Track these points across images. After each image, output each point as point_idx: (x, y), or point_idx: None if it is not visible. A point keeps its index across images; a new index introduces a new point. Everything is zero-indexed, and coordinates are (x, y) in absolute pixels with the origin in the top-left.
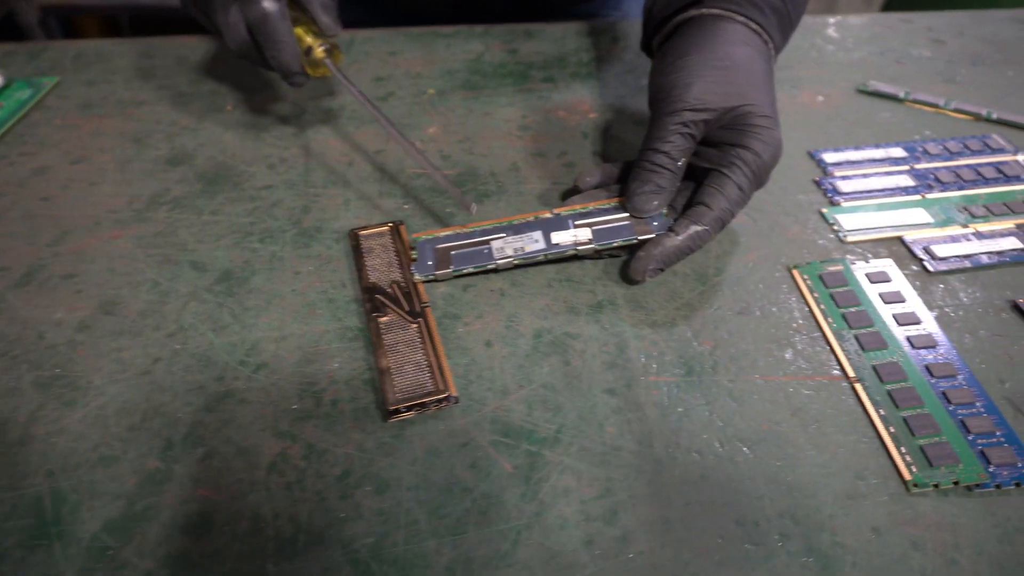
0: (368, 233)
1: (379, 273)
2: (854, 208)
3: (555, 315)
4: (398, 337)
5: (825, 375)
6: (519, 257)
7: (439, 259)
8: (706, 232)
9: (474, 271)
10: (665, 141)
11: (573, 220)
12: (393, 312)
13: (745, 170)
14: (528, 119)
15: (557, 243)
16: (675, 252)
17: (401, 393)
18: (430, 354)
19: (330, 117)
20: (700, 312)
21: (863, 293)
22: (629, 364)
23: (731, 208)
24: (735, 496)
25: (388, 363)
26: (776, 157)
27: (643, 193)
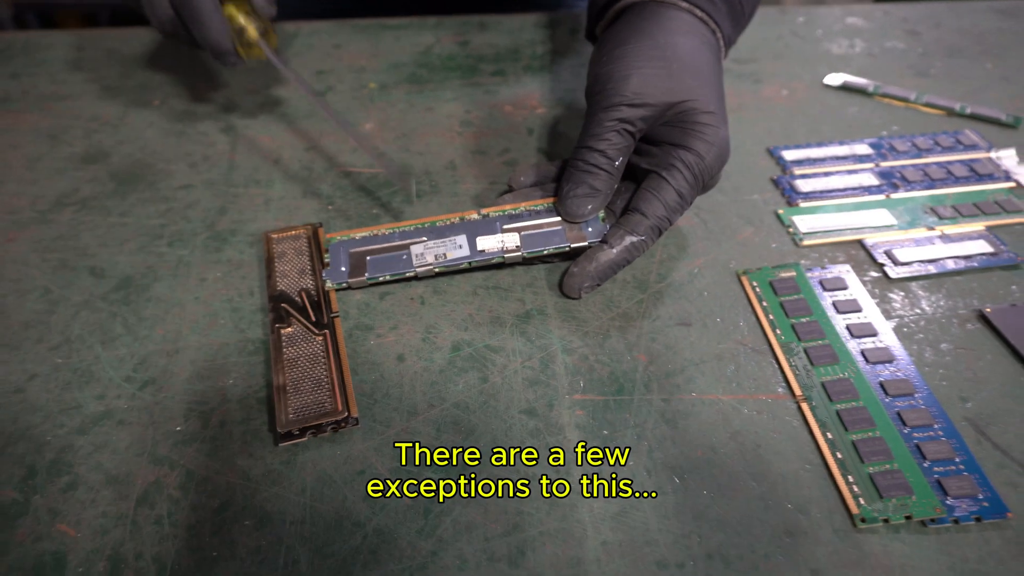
0: (282, 236)
1: (289, 280)
2: (812, 209)
3: (478, 326)
4: (300, 351)
5: (769, 393)
6: (440, 265)
7: (353, 265)
8: (642, 242)
9: (391, 279)
10: (600, 139)
11: (501, 223)
12: (298, 323)
13: (685, 173)
14: (472, 114)
15: (483, 249)
16: (610, 266)
17: (295, 414)
18: (332, 370)
19: (263, 112)
20: (637, 323)
21: (816, 302)
22: (553, 381)
23: (668, 215)
24: (660, 534)
25: (285, 380)
26: (722, 158)
27: (576, 196)
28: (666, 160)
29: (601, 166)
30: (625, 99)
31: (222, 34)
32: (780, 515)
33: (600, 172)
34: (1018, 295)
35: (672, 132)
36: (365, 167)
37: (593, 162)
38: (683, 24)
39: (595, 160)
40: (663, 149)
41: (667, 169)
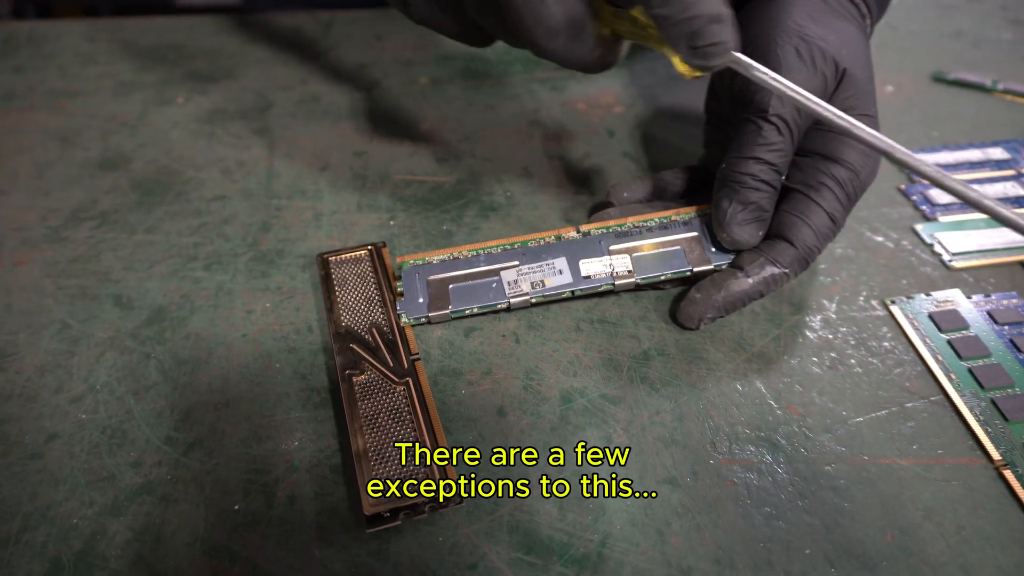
0: (341, 259)
1: (354, 314)
2: (956, 224)
3: (588, 370)
4: (379, 404)
5: (960, 456)
6: (538, 295)
7: (433, 295)
8: (783, 276)
9: (479, 312)
10: (770, 147)
11: (607, 243)
12: (372, 368)
13: (838, 192)
14: (540, 114)
15: (588, 275)
16: (742, 299)
17: (384, 490)
18: (423, 430)
19: (301, 110)
20: (778, 366)
21: (991, 338)
22: (692, 441)
23: (819, 244)
24: None
25: (365, 443)
26: (875, 172)
27: (747, 223)
28: (815, 177)
29: (771, 182)
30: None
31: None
32: None
33: (769, 190)
34: None
35: (822, 139)
36: (427, 175)
37: (764, 177)
38: (837, 3)
39: (764, 175)
40: (810, 162)
41: (816, 189)
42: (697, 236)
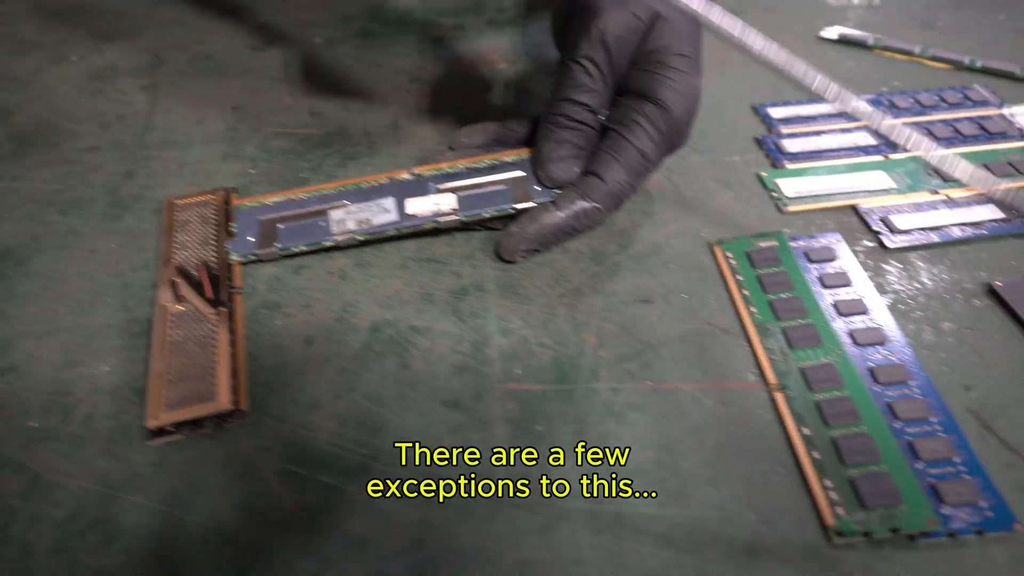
0: (188, 203)
1: (189, 252)
2: (800, 171)
3: (404, 304)
4: (190, 332)
5: (739, 381)
6: (364, 232)
7: (263, 234)
8: (595, 210)
9: (307, 249)
10: (584, 89)
11: (436, 183)
12: (190, 300)
13: (650, 130)
14: (425, 70)
15: (413, 213)
16: (554, 232)
17: (172, 406)
18: (223, 355)
19: (192, 69)
20: (589, 300)
21: (799, 275)
22: (486, 368)
23: (631, 180)
24: (590, 551)
25: (164, 366)
26: (692, 111)
27: (561, 159)
28: (627, 115)
29: (584, 121)
30: (606, 41)
31: None
32: (741, 529)
33: (585, 129)
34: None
35: (639, 78)
36: (299, 127)
37: (576, 117)
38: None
39: (577, 115)
40: (625, 101)
41: (627, 127)
42: (523, 176)
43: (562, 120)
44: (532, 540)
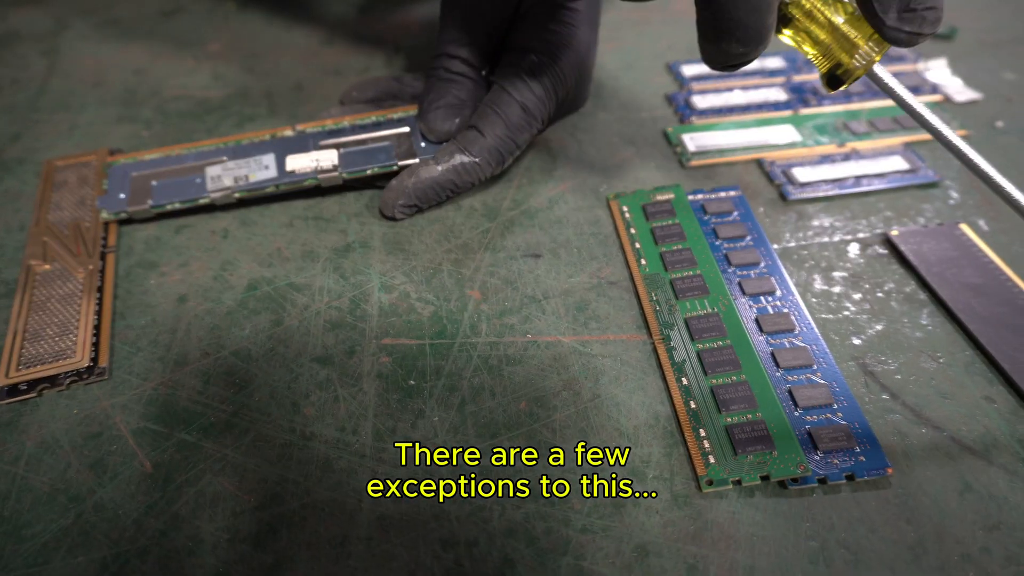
0: (68, 163)
1: (64, 212)
2: (707, 127)
3: (285, 262)
4: (55, 291)
5: (622, 333)
6: (241, 189)
7: (135, 191)
8: (474, 164)
9: (181, 207)
10: (461, 44)
11: (317, 140)
12: (59, 259)
13: (532, 84)
14: (337, 32)
15: (292, 170)
16: (432, 186)
17: (26, 364)
18: (86, 312)
19: (96, 33)
20: (477, 256)
21: (693, 227)
22: (362, 323)
23: (512, 136)
24: (455, 506)
25: (24, 325)
26: (579, 65)
27: (439, 108)
28: (509, 69)
29: (465, 74)
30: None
31: None
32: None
33: (465, 81)
34: (931, 217)
35: (522, 30)
36: (200, 89)
37: (456, 70)
38: None
39: (456, 67)
40: (510, 56)
41: (510, 80)
42: (408, 132)
43: (441, 72)
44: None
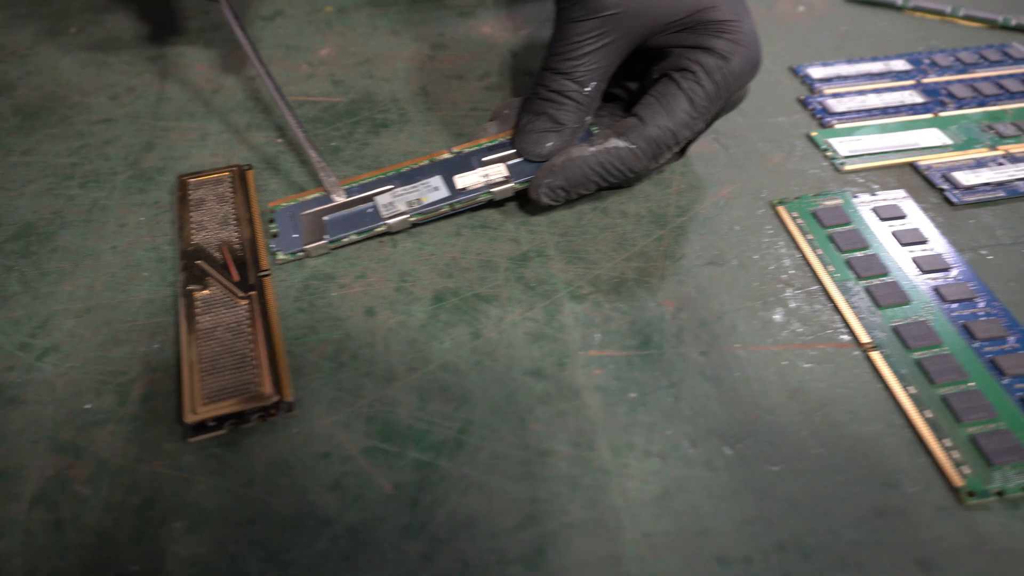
0: (201, 180)
1: (207, 233)
2: (851, 130)
3: (464, 272)
4: (219, 318)
5: (829, 341)
6: (416, 212)
7: (308, 228)
8: (629, 151)
9: (357, 238)
10: (566, 58)
11: (479, 157)
12: (217, 284)
13: (703, 79)
14: (445, 37)
15: (463, 187)
16: (582, 167)
17: (211, 399)
18: (260, 343)
19: (199, 39)
20: (658, 264)
21: (871, 233)
22: (562, 335)
23: (674, 129)
24: (715, 521)
25: (198, 355)
26: (752, 63)
27: (533, 132)
28: (679, 63)
29: (566, 93)
30: (604, 7)
31: None
32: (865, 492)
33: (565, 101)
34: None
35: (683, 37)
36: (322, 95)
37: (556, 88)
38: None
39: (559, 86)
40: (679, 51)
41: (680, 71)
42: None
43: (541, 90)
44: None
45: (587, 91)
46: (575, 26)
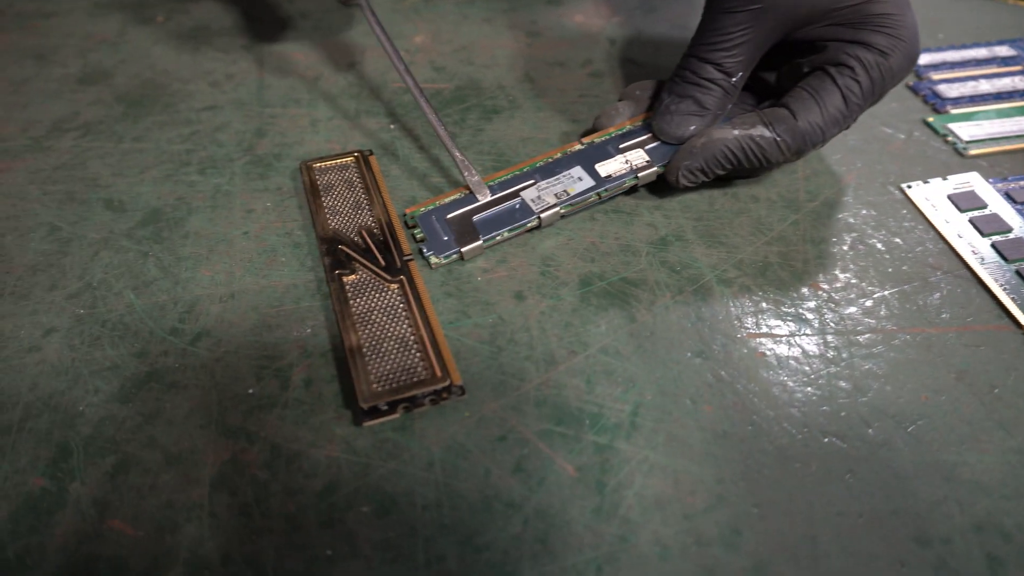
0: (326, 166)
1: (342, 218)
2: (968, 115)
3: (606, 256)
4: (372, 302)
5: (989, 324)
6: (566, 203)
7: (459, 230)
8: (774, 144)
9: (510, 235)
10: (717, 48)
11: (614, 144)
12: (364, 268)
13: (861, 75)
14: (538, 25)
15: (608, 175)
16: (722, 148)
17: (380, 383)
18: (420, 326)
19: (289, 27)
20: (799, 247)
21: (1012, 215)
22: (717, 318)
23: (824, 126)
24: (906, 500)
25: (359, 339)
26: (911, 59)
27: (678, 113)
28: (837, 57)
29: (716, 80)
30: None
31: None
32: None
33: (713, 88)
34: None
35: (840, 31)
36: (427, 82)
37: (705, 75)
38: None
39: (707, 73)
40: (836, 44)
41: (836, 66)
42: None
43: (688, 74)
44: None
45: (734, 81)
46: (729, 16)
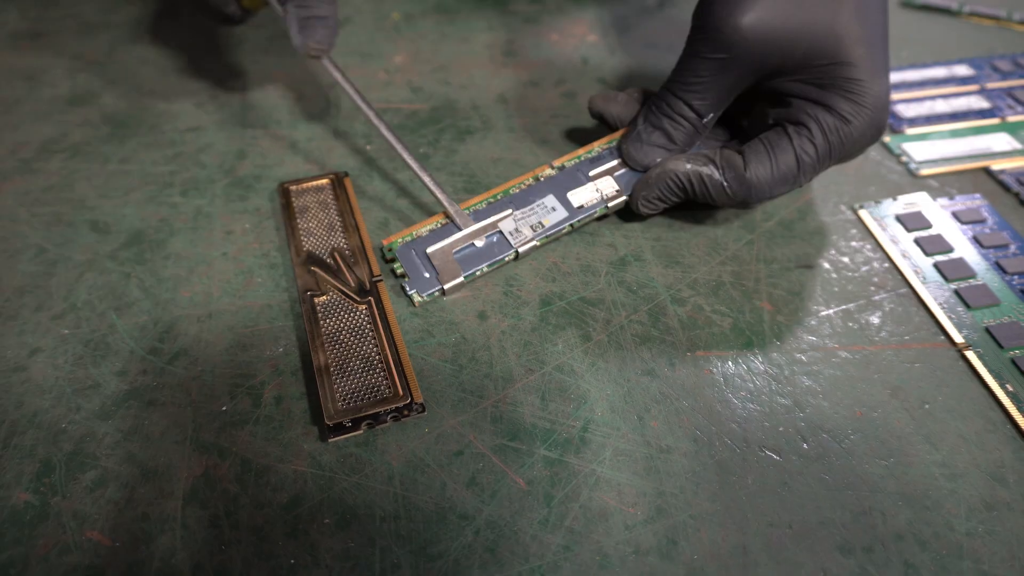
0: (302, 188)
1: (316, 239)
2: (923, 135)
3: (567, 276)
4: (341, 323)
5: (925, 342)
6: (541, 236)
7: (441, 266)
8: (720, 188)
9: (489, 270)
10: (691, 89)
11: (584, 170)
12: (334, 290)
13: (818, 139)
14: (515, 44)
15: (580, 205)
16: (673, 176)
17: (344, 402)
18: (385, 347)
19: (273, 47)
20: (751, 267)
21: (955, 236)
22: (668, 336)
23: (772, 183)
24: (834, 512)
25: (327, 359)
26: (876, 128)
27: (649, 144)
28: (796, 115)
29: (687, 117)
30: (736, 47)
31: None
32: (972, 485)
33: (684, 124)
34: None
35: (807, 89)
36: (402, 103)
37: (678, 111)
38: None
39: (680, 110)
40: (800, 103)
41: (796, 125)
42: None
43: (663, 106)
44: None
45: (705, 120)
46: (700, 61)
